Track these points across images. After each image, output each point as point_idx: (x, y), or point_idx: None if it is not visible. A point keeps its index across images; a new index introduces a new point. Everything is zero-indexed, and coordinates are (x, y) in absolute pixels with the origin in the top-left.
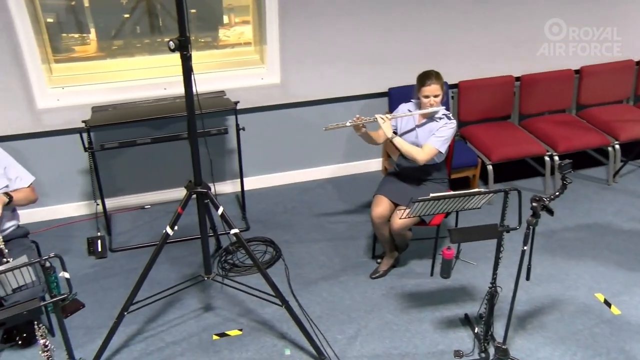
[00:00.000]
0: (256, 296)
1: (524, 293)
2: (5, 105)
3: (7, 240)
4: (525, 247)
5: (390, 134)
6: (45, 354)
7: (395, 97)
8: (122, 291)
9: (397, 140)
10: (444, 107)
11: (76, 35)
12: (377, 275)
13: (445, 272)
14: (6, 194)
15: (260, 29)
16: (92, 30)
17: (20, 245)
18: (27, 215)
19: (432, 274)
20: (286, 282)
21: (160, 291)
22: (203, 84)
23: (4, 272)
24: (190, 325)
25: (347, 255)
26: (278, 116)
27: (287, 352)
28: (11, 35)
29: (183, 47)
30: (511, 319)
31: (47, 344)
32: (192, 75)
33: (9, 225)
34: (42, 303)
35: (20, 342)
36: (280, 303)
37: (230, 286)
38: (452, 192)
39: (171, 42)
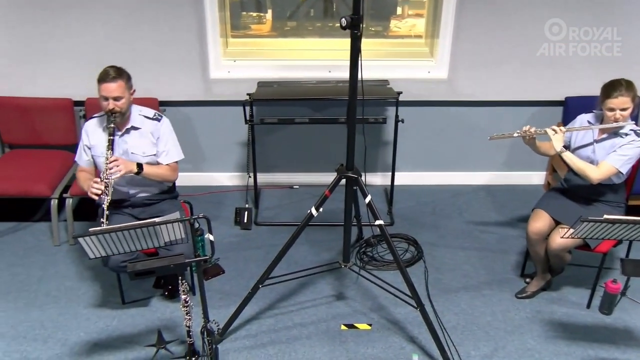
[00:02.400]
0: (391, 293)
1: None
2: (184, 73)
3: (160, 200)
4: None
5: (559, 148)
6: (185, 308)
7: (572, 107)
8: (261, 264)
9: (568, 156)
10: (633, 122)
11: (254, 14)
12: (524, 295)
13: (607, 307)
14: (138, 164)
15: (434, 22)
16: (270, 11)
17: (171, 204)
18: (187, 178)
19: (588, 306)
20: (424, 285)
21: (296, 271)
22: (368, 71)
23: (159, 224)
24: (320, 311)
25: (493, 269)
26: (440, 113)
27: (415, 357)
28: (199, 12)
29: (355, 26)
30: None
31: (187, 300)
32: (360, 56)
33: (150, 188)
34: (187, 260)
35: (166, 294)
36: (415, 305)
37: (366, 278)
38: (633, 218)
39: (343, 19)
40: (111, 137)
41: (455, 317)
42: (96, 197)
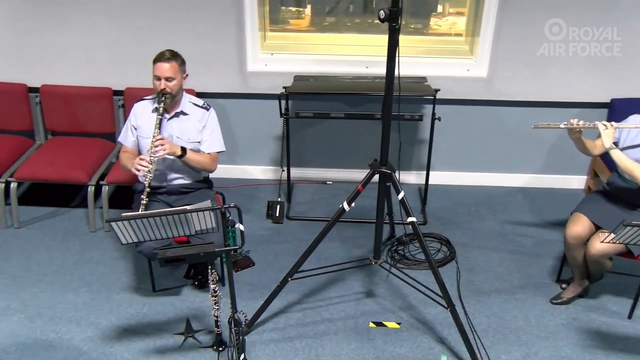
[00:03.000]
0: (422, 292)
1: None
2: (222, 65)
3: (195, 188)
4: None
5: (608, 144)
6: (214, 298)
7: (619, 109)
8: (291, 258)
9: (616, 153)
10: None
11: (293, 9)
12: (560, 301)
13: None
14: (182, 148)
15: (476, 20)
16: (309, 6)
17: (204, 194)
18: (221, 170)
19: (630, 317)
20: (455, 286)
21: (326, 266)
22: (406, 67)
23: (190, 211)
24: (349, 307)
25: (528, 273)
26: (478, 112)
27: (444, 358)
28: (239, 5)
29: (393, 18)
30: None
31: (216, 289)
32: (397, 50)
33: (178, 175)
34: (217, 249)
35: (196, 283)
36: (446, 305)
37: (397, 276)
38: None
39: (382, 11)
40: (160, 117)
41: (486, 319)
42: (139, 173)
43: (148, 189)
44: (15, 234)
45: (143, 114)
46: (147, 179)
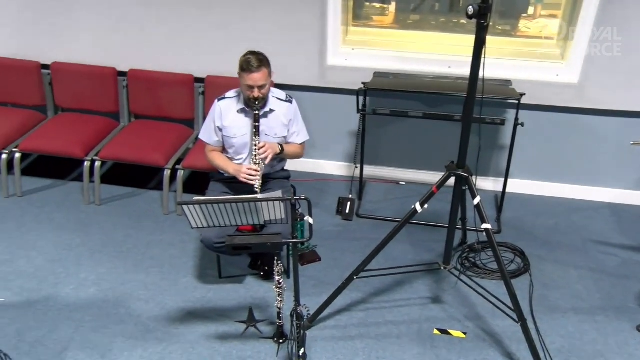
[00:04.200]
0: (491, 303)
1: None
2: (302, 58)
3: (271, 178)
4: None
5: None
6: (278, 290)
7: None
8: (358, 256)
9: None
10: None
11: (377, 6)
12: None
13: None
14: (280, 145)
15: (570, 24)
16: (393, 3)
17: (279, 184)
18: (294, 163)
19: None
20: (527, 299)
21: (393, 267)
22: (490, 69)
23: (260, 201)
24: (413, 311)
25: (611, 294)
26: (566, 120)
27: None
28: None
29: (482, 15)
30: None
31: (281, 281)
32: (483, 49)
33: (277, 167)
34: (284, 240)
35: (261, 274)
36: (517, 319)
37: (466, 284)
38: None
39: (471, 7)
40: (257, 124)
41: (560, 339)
42: (252, 183)
43: (260, 196)
44: (96, 211)
45: (228, 114)
46: (257, 184)
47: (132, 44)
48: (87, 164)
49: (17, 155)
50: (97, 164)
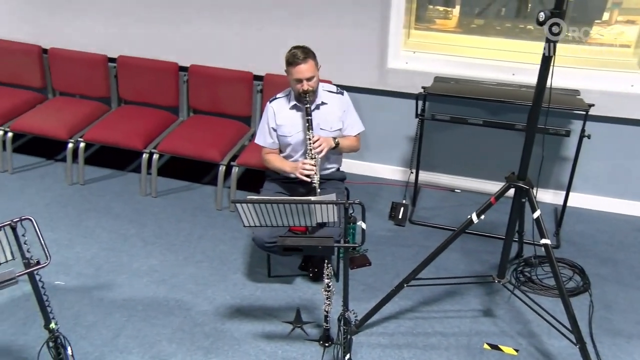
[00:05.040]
0: (547, 321)
1: None
2: (362, 59)
3: (326, 179)
4: None
5: None
6: (326, 293)
7: None
8: (409, 263)
9: None
10: None
11: (441, 9)
12: None
13: None
14: (334, 138)
15: None
16: (458, 7)
17: (334, 186)
18: (348, 165)
19: None
20: (586, 320)
21: (445, 277)
22: (557, 77)
23: (314, 203)
24: (463, 323)
25: None
26: (636, 133)
27: None
28: (386, 0)
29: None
30: None
31: (330, 284)
32: (553, 58)
33: (331, 166)
34: (335, 244)
35: (311, 275)
36: (574, 341)
37: (520, 299)
38: None
39: (542, 13)
40: (309, 117)
41: None
42: (308, 179)
43: (319, 190)
44: (152, 203)
45: (281, 112)
46: (315, 180)
47: (194, 40)
48: (145, 156)
49: (82, 144)
50: (155, 156)
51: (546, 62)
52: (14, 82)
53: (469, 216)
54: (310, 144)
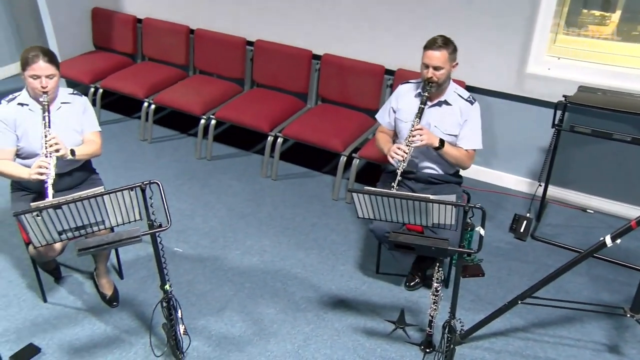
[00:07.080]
0: None
1: None
2: (500, 61)
3: (442, 181)
4: None
5: None
6: (434, 297)
7: None
8: (525, 280)
9: None
10: None
11: (597, 13)
12: None
13: None
14: (441, 140)
15: None
16: (618, 12)
17: (451, 188)
18: (473, 171)
19: None
20: None
21: (566, 300)
22: None
23: (432, 202)
24: (582, 354)
25: None
26: None
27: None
28: (535, 2)
29: None
30: None
31: (438, 289)
32: None
33: (429, 166)
34: (450, 248)
35: (409, 284)
36: None
37: None
38: None
39: None
40: (422, 106)
41: None
42: (393, 160)
43: (399, 178)
44: (271, 185)
45: (405, 96)
46: (400, 167)
47: (329, 30)
48: (270, 139)
49: (213, 122)
50: (279, 140)
51: None
52: (162, 59)
53: (601, 238)
54: (411, 130)
